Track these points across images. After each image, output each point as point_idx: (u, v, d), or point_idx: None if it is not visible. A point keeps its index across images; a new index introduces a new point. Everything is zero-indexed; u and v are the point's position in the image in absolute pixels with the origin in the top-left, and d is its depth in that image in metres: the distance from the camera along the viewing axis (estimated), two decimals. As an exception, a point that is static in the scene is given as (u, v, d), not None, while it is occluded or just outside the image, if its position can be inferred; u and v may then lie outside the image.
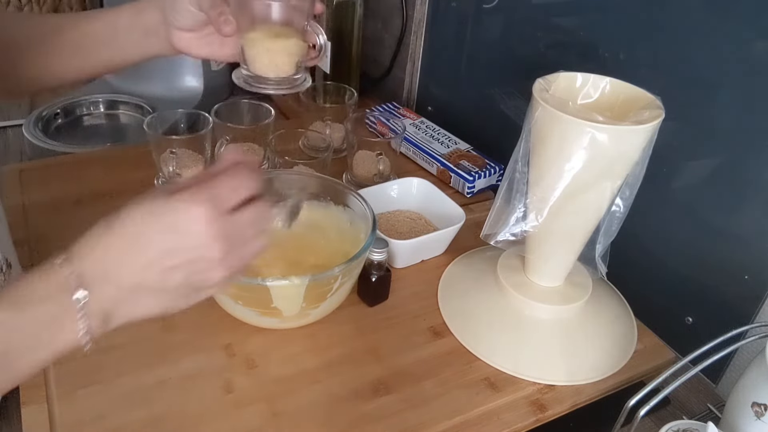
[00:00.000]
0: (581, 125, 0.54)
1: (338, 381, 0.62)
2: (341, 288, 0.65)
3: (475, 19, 0.97)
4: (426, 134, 1.01)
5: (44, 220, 0.81)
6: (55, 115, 1.09)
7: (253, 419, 0.58)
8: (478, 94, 1.01)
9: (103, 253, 0.41)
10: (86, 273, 0.40)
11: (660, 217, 0.74)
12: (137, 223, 0.41)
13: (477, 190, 0.93)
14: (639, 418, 0.51)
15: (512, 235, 0.65)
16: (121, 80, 1.17)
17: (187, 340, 0.65)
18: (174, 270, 0.42)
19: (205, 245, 0.42)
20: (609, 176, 0.58)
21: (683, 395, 0.68)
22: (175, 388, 0.60)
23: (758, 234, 0.64)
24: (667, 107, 0.57)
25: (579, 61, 0.81)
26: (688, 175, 0.71)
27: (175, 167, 0.85)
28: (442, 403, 0.61)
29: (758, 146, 0.62)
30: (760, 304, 0.65)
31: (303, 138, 0.98)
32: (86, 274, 0.40)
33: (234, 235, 0.43)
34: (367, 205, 0.70)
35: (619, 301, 0.74)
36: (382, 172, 0.90)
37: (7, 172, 0.90)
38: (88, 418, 0.56)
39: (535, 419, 0.61)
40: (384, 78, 1.20)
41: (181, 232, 0.41)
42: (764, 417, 0.49)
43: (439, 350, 0.67)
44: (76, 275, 0.40)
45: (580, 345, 0.67)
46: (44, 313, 0.40)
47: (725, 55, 0.64)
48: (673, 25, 0.68)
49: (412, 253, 0.78)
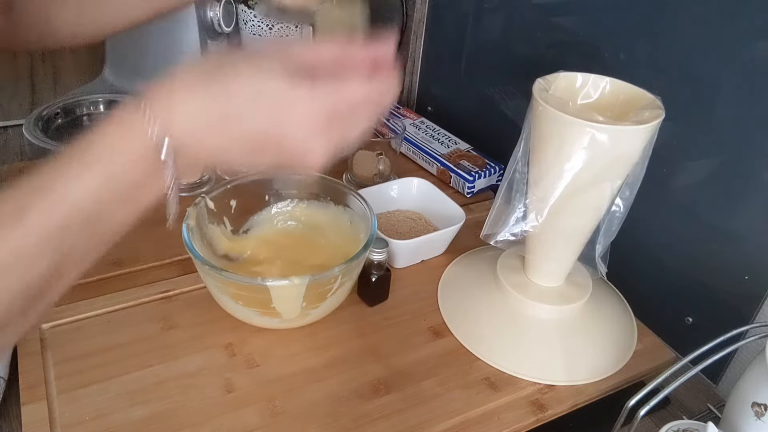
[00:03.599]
0: (581, 125, 0.54)
1: (338, 381, 0.62)
2: (341, 288, 0.65)
3: (475, 19, 0.97)
4: (426, 134, 1.01)
5: (44, 219, 0.81)
6: (55, 115, 1.09)
7: (253, 419, 0.58)
8: (478, 94, 1.01)
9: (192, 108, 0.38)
10: (175, 133, 0.37)
11: (660, 216, 0.74)
12: (247, 98, 0.38)
13: (477, 190, 0.93)
14: (639, 418, 0.51)
15: (512, 235, 0.65)
16: (121, 80, 1.17)
17: (187, 340, 0.65)
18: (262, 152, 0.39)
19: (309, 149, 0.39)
20: (609, 176, 0.58)
21: (683, 395, 0.68)
22: (176, 388, 0.60)
23: (758, 234, 0.64)
24: (667, 107, 0.57)
25: (579, 61, 0.81)
26: (688, 175, 0.71)
27: (175, 167, 0.85)
28: (442, 403, 0.61)
29: (758, 146, 0.62)
30: (760, 304, 0.65)
31: (303, 138, 0.98)
32: (175, 134, 0.37)
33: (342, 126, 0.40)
34: (367, 205, 0.70)
35: (619, 301, 0.74)
36: (382, 172, 0.90)
37: (7, 172, 0.90)
38: (88, 417, 0.56)
39: (535, 419, 0.61)
40: (384, 78, 1.20)
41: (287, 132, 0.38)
42: (764, 417, 0.49)
43: (439, 350, 0.67)
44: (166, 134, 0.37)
45: (580, 345, 0.67)
46: (134, 175, 0.38)
47: (725, 55, 0.64)
48: (673, 25, 0.68)
49: (412, 253, 0.78)
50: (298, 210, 0.77)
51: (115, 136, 0.38)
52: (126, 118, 0.38)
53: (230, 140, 0.39)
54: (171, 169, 0.38)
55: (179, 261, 0.75)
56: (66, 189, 0.36)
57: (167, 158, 0.37)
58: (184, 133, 0.38)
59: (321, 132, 0.39)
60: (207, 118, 0.38)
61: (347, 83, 0.39)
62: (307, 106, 0.38)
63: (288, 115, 0.38)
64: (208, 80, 0.38)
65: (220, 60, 0.39)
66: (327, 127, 0.39)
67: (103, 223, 0.38)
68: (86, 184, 0.37)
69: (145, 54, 1.13)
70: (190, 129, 0.38)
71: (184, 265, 0.74)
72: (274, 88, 0.38)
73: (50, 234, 0.36)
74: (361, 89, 0.40)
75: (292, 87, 0.38)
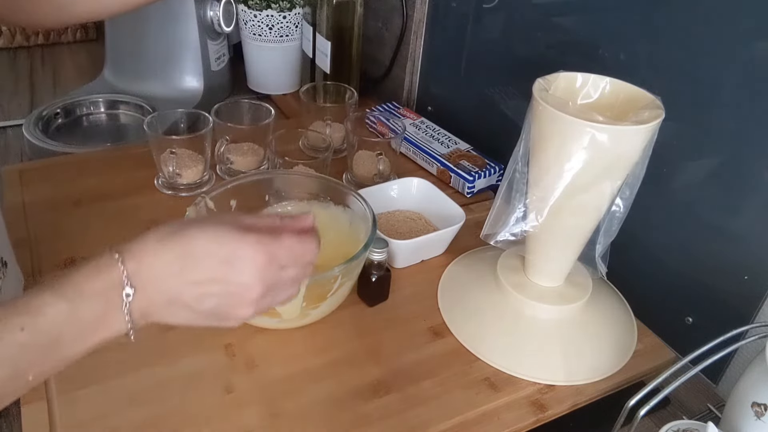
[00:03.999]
0: (581, 125, 0.54)
1: (338, 381, 0.62)
2: (341, 288, 0.65)
3: (475, 19, 0.97)
4: (426, 134, 1.01)
5: (44, 220, 0.81)
6: (55, 115, 1.09)
7: (253, 419, 0.58)
8: (478, 94, 1.01)
9: (157, 259, 0.44)
10: (137, 274, 0.43)
11: (660, 217, 0.74)
12: (201, 244, 0.44)
13: (477, 190, 0.93)
14: (639, 418, 0.51)
15: (512, 235, 0.65)
16: (121, 80, 1.17)
17: (187, 340, 0.65)
18: (212, 296, 0.45)
19: (249, 286, 0.45)
20: (609, 176, 0.58)
21: (683, 395, 0.68)
22: (175, 388, 0.60)
23: (758, 234, 0.64)
24: (667, 107, 0.57)
25: (579, 61, 0.81)
26: (688, 175, 0.71)
27: (175, 167, 0.85)
28: (442, 403, 0.61)
29: (758, 146, 0.62)
30: (760, 304, 0.65)
31: (303, 138, 0.98)
32: (137, 275, 0.43)
33: (275, 285, 0.47)
34: (367, 205, 0.70)
35: (619, 301, 0.74)
36: (382, 172, 0.90)
37: (7, 172, 0.90)
38: (88, 418, 0.57)
39: (535, 419, 0.61)
40: (384, 78, 1.20)
41: (235, 269, 0.45)
42: (764, 417, 0.49)
43: (439, 350, 0.67)
44: (128, 274, 0.42)
45: (580, 345, 0.67)
46: (95, 306, 0.42)
47: (725, 55, 0.64)
48: (673, 25, 0.68)
49: (412, 253, 0.78)
50: (298, 210, 0.77)
51: (85, 274, 0.42)
52: (99, 261, 0.43)
53: (185, 284, 0.44)
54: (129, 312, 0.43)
55: (179, 261, 0.75)
56: (34, 317, 0.40)
57: (128, 299, 0.43)
58: (147, 279, 0.43)
59: (261, 274, 0.45)
60: (170, 267, 0.44)
61: (285, 236, 0.47)
62: (253, 248, 0.45)
63: (237, 258, 0.45)
64: (175, 236, 0.44)
65: (186, 222, 0.46)
66: (266, 268, 0.45)
67: (61, 351, 0.42)
68: (51, 315, 0.41)
69: (145, 54, 1.13)
70: (153, 275, 0.43)
71: (184, 266, 0.74)
72: (225, 236, 0.45)
73: (11, 351, 0.40)
74: (295, 239, 0.48)
75: (243, 235, 0.45)
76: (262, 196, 0.76)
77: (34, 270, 0.73)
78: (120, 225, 0.80)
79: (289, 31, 1.18)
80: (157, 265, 0.43)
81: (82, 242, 0.77)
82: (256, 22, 1.15)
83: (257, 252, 0.45)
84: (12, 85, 1.25)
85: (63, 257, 0.75)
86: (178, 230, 0.45)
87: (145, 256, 0.43)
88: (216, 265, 0.44)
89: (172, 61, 1.13)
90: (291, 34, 1.18)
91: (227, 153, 0.91)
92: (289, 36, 1.18)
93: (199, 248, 0.44)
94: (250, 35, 1.18)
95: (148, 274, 0.43)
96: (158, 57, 1.13)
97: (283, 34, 1.17)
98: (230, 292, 0.45)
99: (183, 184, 0.87)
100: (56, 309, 0.40)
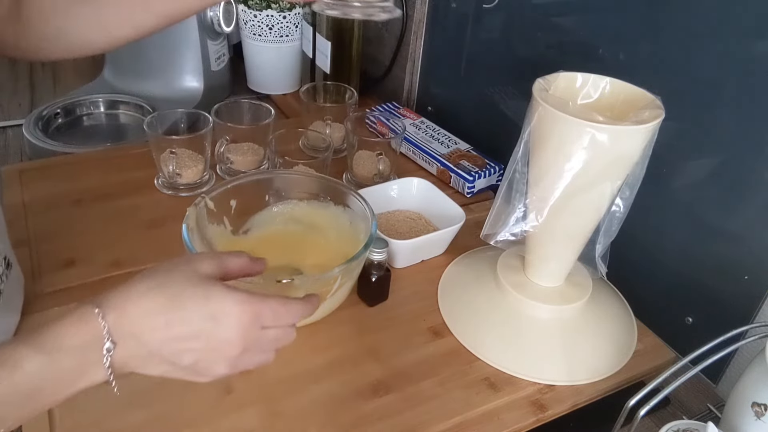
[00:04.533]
0: (581, 125, 0.54)
1: (338, 381, 0.62)
2: (341, 288, 0.65)
3: (475, 19, 0.97)
4: (426, 134, 1.01)
5: (44, 220, 0.81)
6: (55, 115, 1.09)
7: (252, 420, 0.58)
8: (478, 94, 1.01)
9: (142, 312, 0.43)
10: (119, 327, 0.42)
11: (660, 217, 0.74)
12: (188, 299, 0.44)
13: (477, 190, 0.93)
14: (639, 418, 0.51)
15: (512, 235, 0.65)
16: (121, 80, 1.17)
17: (187, 340, 0.65)
18: (192, 351, 0.45)
19: (230, 343, 0.45)
20: (609, 176, 0.58)
21: (683, 395, 0.68)
22: (175, 389, 0.60)
23: (758, 234, 0.64)
24: (667, 107, 0.57)
25: (579, 61, 0.81)
26: (688, 175, 0.71)
27: (175, 167, 0.85)
28: (442, 403, 0.61)
29: (758, 146, 0.62)
30: (760, 304, 0.65)
31: (303, 138, 0.98)
32: (118, 328, 0.42)
33: (254, 346, 0.47)
34: (367, 205, 0.70)
35: (619, 301, 0.74)
36: (382, 172, 0.90)
37: (7, 172, 0.90)
38: (88, 419, 0.56)
39: (535, 419, 0.61)
40: (384, 78, 1.20)
41: (220, 325, 0.44)
42: (764, 417, 0.49)
43: (439, 350, 0.67)
44: (109, 329, 0.42)
45: (580, 345, 0.67)
46: (75, 360, 0.42)
47: (725, 55, 0.64)
48: (673, 25, 0.68)
49: (412, 253, 0.78)
50: (298, 210, 0.77)
51: (64, 327, 0.42)
52: (79, 314, 0.42)
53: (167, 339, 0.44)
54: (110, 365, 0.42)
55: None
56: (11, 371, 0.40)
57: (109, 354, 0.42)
58: (130, 332, 0.43)
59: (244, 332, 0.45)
60: (155, 320, 0.43)
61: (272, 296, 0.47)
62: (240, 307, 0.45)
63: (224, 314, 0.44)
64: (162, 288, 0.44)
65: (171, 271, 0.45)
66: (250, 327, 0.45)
67: (39, 401, 0.42)
68: (29, 369, 0.40)
69: (145, 54, 1.13)
70: (136, 328, 0.43)
71: (184, 266, 0.74)
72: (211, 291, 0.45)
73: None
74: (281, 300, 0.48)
75: (230, 292, 0.45)
76: (262, 196, 0.76)
77: (34, 270, 0.73)
78: (120, 225, 0.80)
79: (289, 31, 1.18)
80: (142, 317, 0.43)
81: (82, 242, 0.77)
82: (256, 22, 1.15)
83: (243, 311, 0.45)
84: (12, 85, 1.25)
85: (63, 257, 0.75)
86: (164, 282, 0.44)
87: (129, 307, 0.43)
88: (201, 321, 0.44)
89: (172, 61, 1.13)
90: (291, 34, 1.18)
91: (227, 153, 0.91)
92: (289, 36, 1.18)
93: (187, 302, 0.44)
94: (250, 35, 1.18)
95: (130, 327, 0.43)
96: (158, 57, 1.13)
97: (283, 34, 1.17)
98: (211, 348, 0.45)
99: (183, 184, 0.87)
100: (34, 363, 0.40)
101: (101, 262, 0.75)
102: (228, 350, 0.45)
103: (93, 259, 0.75)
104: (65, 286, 0.71)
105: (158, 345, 0.44)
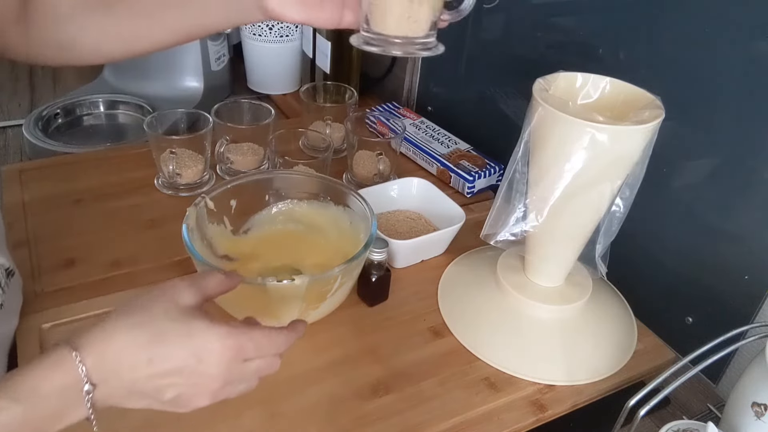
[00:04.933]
0: (581, 125, 0.54)
1: (338, 381, 0.62)
2: (341, 288, 0.65)
3: (475, 19, 0.97)
4: (426, 134, 1.01)
5: (44, 220, 0.81)
6: (55, 115, 1.09)
7: (252, 420, 0.58)
8: (478, 94, 1.01)
9: (124, 350, 0.42)
10: (99, 368, 0.42)
11: (660, 217, 0.74)
12: (168, 337, 0.43)
13: (477, 190, 0.93)
14: (639, 418, 0.51)
15: (512, 235, 0.65)
16: (121, 80, 1.17)
17: (187, 340, 0.65)
18: (174, 386, 0.44)
19: (212, 377, 0.45)
20: (609, 176, 0.58)
21: (683, 395, 0.68)
22: (175, 388, 0.60)
23: (758, 234, 0.64)
24: (667, 107, 0.57)
25: (579, 61, 0.81)
26: (688, 175, 0.71)
27: (175, 167, 0.85)
28: (442, 403, 0.61)
29: (758, 146, 0.62)
30: (760, 304, 0.65)
31: (303, 138, 0.98)
32: (99, 369, 0.42)
33: (236, 378, 0.47)
34: (367, 205, 0.70)
35: (619, 301, 0.74)
36: (382, 172, 0.90)
37: (7, 172, 0.90)
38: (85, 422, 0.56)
39: (535, 419, 0.61)
40: (384, 78, 1.20)
41: (203, 362, 0.44)
42: (764, 417, 0.49)
43: (439, 350, 0.67)
44: (87, 371, 0.41)
45: (580, 345, 0.67)
46: (53, 404, 0.41)
47: (725, 55, 0.64)
48: (673, 25, 0.68)
49: (412, 253, 0.78)
50: (298, 210, 0.77)
51: (41, 372, 0.41)
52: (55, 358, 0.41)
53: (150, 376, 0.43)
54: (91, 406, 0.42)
55: (179, 261, 0.75)
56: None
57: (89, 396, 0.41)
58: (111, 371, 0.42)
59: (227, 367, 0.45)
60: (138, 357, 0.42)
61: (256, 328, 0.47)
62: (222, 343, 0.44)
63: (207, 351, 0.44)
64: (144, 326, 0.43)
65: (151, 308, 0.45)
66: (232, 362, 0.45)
67: None
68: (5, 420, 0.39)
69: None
70: (118, 367, 0.42)
71: (183, 266, 0.74)
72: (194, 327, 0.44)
73: None
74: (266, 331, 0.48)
75: (212, 326, 0.45)
76: (262, 196, 0.76)
77: (34, 270, 0.73)
78: (120, 225, 0.80)
79: (289, 31, 1.18)
80: (123, 356, 0.42)
81: (82, 242, 0.77)
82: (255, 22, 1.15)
83: (225, 347, 0.44)
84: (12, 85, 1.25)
85: (63, 257, 0.75)
86: (145, 320, 0.44)
87: (110, 347, 0.42)
88: (185, 357, 0.43)
89: (172, 61, 1.13)
90: (291, 34, 1.18)
91: (227, 153, 0.91)
92: (289, 36, 1.18)
93: (169, 340, 0.43)
94: (250, 35, 1.18)
95: (112, 366, 0.42)
96: (158, 57, 1.13)
97: (283, 34, 1.17)
98: (193, 383, 0.45)
99: (183, 184, 0.87)
100: (10, 413, 0.39)
101: (101, 262, 0.75)
102: (210, 384, 0.45)
103: (93, 259, 0.75)
104: (65, 286, 0.71)
105: (141, 382, 0.43)
